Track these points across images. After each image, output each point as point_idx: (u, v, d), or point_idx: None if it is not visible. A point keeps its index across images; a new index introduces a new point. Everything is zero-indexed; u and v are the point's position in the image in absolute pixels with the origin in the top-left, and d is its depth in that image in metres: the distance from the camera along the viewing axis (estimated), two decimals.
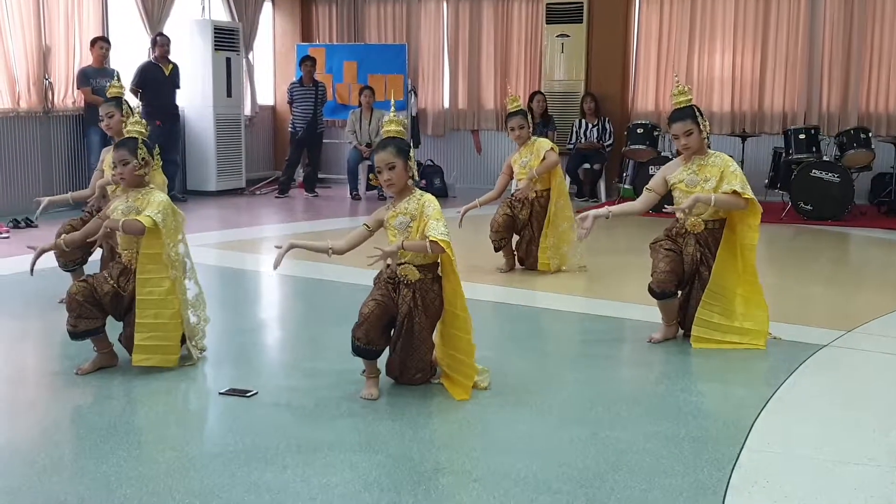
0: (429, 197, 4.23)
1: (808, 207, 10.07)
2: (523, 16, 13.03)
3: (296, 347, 5.39)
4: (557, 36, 12.58)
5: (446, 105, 13.51)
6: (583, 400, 4.27)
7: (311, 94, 12.18)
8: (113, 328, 4.61)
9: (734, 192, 4.89)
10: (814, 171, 10.03)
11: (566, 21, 12.56)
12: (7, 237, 8.46)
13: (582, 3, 12.46)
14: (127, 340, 4.58)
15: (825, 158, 10.30)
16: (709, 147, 5.15)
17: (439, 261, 4.23)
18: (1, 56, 9.62)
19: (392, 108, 4.32)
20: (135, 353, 4.48)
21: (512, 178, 7.21)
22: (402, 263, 4.20)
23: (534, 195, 7.02)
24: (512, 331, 5.65)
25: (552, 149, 7.02)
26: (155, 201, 4.51)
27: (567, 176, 11.87)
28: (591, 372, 4.72)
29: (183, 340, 4.62)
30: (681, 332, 5.23)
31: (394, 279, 4.24)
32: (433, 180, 12.41)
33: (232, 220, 10.22)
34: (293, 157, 12.35)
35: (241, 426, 3.86)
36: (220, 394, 4.25)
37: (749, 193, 4.91)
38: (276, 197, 12.15)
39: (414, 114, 12.80)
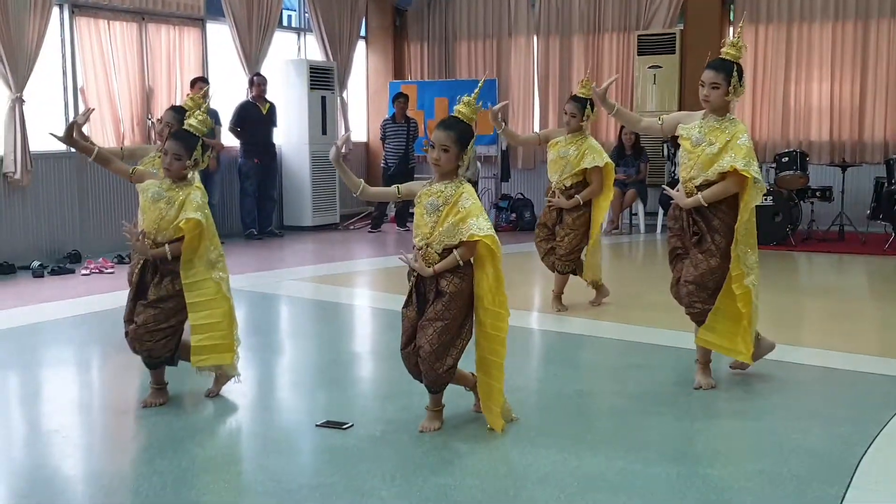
0: (468, 188, 4.03)
1: None
2: (614, 48, 12.99)
3: (390, 380, 5.41)
4: (649, 67, 12.49)
5: None
6: (679, 435, 4.19)
7: (404, 131, 12.34)
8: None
9: (733, 169, 4.58)
10: None
11: (658, 52, 12.47)
12: (112, 272, 8.75)
13: (675, 33, 12.37)
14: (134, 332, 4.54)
15: None
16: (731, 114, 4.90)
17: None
18: (106, 97, 10.03)
19: (476, 90, 4.13)
20: (193, 356, 4.57)
21: (539, 145, 7.16)
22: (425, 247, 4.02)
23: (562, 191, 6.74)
24: (601, 363, 5.59)
25: (602, 168, 6.59)
26: (194, 202, 4.47)
27: (661, 207, 11.72)
28: (685, 405, 4.62)
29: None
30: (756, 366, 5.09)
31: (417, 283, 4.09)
32: (523, 213, 12.41)
33: (326, 255, 10.38)
34: None
35: (337, 458, 3.90)
36: (317, 426, 4.30)
37: (752, 171, 4.57)
38: (369, 231, 12.31)
39: (504, 148, 12.85)
